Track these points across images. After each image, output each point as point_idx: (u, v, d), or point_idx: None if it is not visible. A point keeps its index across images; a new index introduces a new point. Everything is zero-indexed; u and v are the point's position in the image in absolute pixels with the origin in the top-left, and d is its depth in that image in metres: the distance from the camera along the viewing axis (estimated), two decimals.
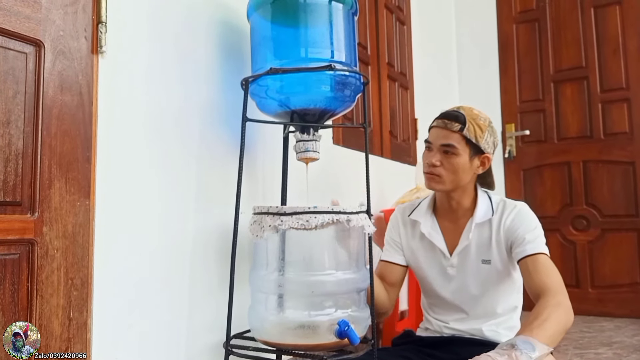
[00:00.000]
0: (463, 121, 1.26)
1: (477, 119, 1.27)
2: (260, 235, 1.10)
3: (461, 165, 1.27)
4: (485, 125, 1.28)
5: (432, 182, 1.30)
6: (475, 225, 1.29)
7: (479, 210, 1.30)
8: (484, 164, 1.31)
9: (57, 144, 0.95)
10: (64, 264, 0.94)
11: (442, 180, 1.28)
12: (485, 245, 1.29)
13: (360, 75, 1.22)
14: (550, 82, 3.15)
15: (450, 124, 1.26)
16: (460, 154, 1.26)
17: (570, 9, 3.11)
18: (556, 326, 1.03)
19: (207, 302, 1.26)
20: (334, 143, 1.92)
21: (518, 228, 1.24)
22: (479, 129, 1.26)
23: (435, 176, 1.28)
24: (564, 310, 1.08)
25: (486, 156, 1.30)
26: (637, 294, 2.84)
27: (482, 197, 1.33)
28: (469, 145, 1.26)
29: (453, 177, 1.28)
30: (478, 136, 1.26)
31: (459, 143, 1.26)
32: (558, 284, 1.13)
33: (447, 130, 1.27)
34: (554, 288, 1.12)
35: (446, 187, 1.29)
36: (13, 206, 0.89)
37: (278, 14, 1.20)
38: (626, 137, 2.93)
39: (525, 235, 1.22)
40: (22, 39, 0.91)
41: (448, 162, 1.27)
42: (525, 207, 1.30)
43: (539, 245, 1.21)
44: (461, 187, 1.30)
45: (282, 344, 1.10)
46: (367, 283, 1.17)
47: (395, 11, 2.68)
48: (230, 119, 1.35)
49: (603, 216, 2.96)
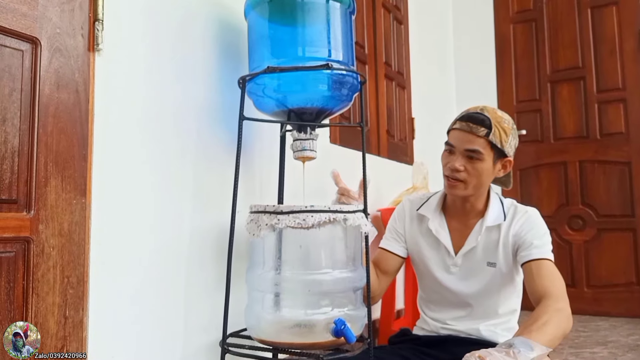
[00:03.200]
0: (489, 125, 1.21)
1: (502, 122, 1.22)
2: (257, 234, 1.10)
3: (485, 170, 1.23)
4: (510, 128, 1.24)
5: (454, 189, 1.25)
6: (485, 228, 1.28)
7: (490, 213, 1.28)
8: (506, 167, 1.28)
9: (53, 141, 0.95)
10: (60, 262, 0.94)
11: (465, 187, 1.24)
12: (493, 248, 1.27)
13: (357, 74, 1.22)
14: (547, 82, 3.16)
15: (475, 128, 1.21)
16: (485, 160, 1.22)
17: (567, 9, 3.12)
18: (555, 330, 1.03)
19: (203, 300, 1.26)
20: (331, 142, 1.92)
21: (527, 233, 1.23)
22: (504, 133, 1.22)
23: (459, 182, 1.24)
24: (564, 316, 1.07)
25: (508, 160, 1.27)
26: (632, 293, 2.85)
27: (495, 200, 1.31)
28: (493, 150, 1.22)
29: (476, 183, 1.24)
30: (503, 140, 1.22)
31: (484, 148, 1.21)
32: (561, 291, 1.12)
33: (473, 135, 1.21)
34: (557, 294, 1.11)
35: (468, 193, 1.26)
36: (9, 204, 0.88)
37: (275, 13, 1.20)
38: (622, 137, 2.94)
39: (533, 240, 1.21)
40: (19, 36, 0.91)
41: (472, 168, 1.22)
42: (535, 213, 1.27)
43: (546, 252, 1.19)
44: (480, 191, 1.28)
45: (278, 343, 1.10)
46: (364, 282, 1.17)
47: (392, 10, 2.68)
48: (227, 117, 1.35)
49: (599, 216, 2.97)
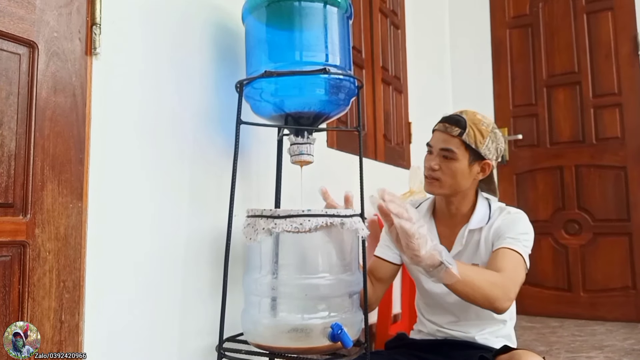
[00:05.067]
0: (463, 126, 1.24)
1: (479, 124, 1.25)
2: (253, 238, 1.10)
3: (460, 170, 1.26)
4: (488, 130, 1.26)
5: (430, 186, 1.30)
6: (468, 231, 1.29)
7: (474, 217, 1.29)
8: (485, 170, 1.30)
9: (50, 145, 0.94)
10: (56, 266, 0.94)
11: (440, 185, 1.27)
12: (475, 249, 1.29)
13: (354, 78, 1.22)
14: (543, 86, 3.18)
15: (450, 128, 1.25)
16: (459, 159, 1.25)
17: (563, 14, 3.14)
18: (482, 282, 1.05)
19: (200, 304, 1.25)
20: (328, 146, 1.92)
21: (505, 227, 1.24)
22: (480, 135, 1.24)
23: (434, 180, 1.28)
24: (499, 286, 1.08)
25: (486, 162, 1.28)
26: (628, 297, 2.86)
27: (482, 203, 1.32)
28: (468, 150, 1.25)
29: (452, 182, 1.27)
30: (478, 142, 1.24)
31: (458, 148, 1.25)
32: (514, 277, 1.13)
33: (447, 135, 1.26)
34: (509, 273, 1.12)
35: (444, 192, 1.29)
36: (5, 208, 0.88)
37: (273, 17, 1.21)
38: (618, 142, 2.96)
39: (509, 233, 1.21)
40: (16, 40, 0.91)
41: (447, 167, 1.26)
42: (520, 214, 1.28)
43: (518, 246, 1.19)
44: (461, 192, 1.29)
45: (275, 347, 1.09)
46: (361, 286, 1.17)
47: (389, 15, 2.69)
48: (225, 121, 1.35)
49: (595, 220, 2.98)
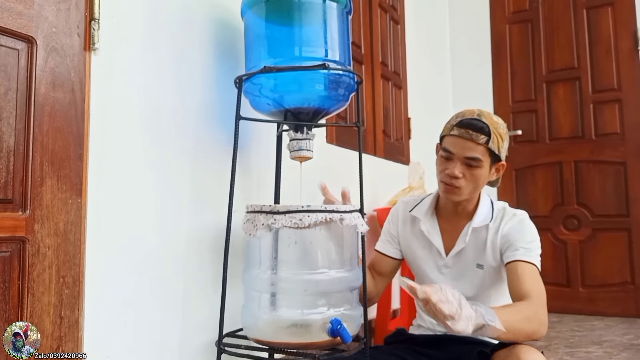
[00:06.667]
0: (488, 132, 1.20)
1: (498, 128, 1.22)
2: (253, 234, 1.10)
3: (483, 176, 1.24)
4: (504, 133, 1.24)
5: (451, 194, 1.26)
6: (472, 229, 1.28)
7: (478, 215, 1.29)
8: (499, 171, 1.29)
9: (49, 141, 0.94)
10: (56, 262, 0.94)
11: (461, 192, 1.24)
12: (481, 249, 1.28)
13: (354, 74, 1.22)
14: (543, 82, 3.17)
15: (476, 136, 1.20)
16: (483, 166, 1.22)
17: (562, 9, 3.13)
18: (522, 324, 1.05)
19: (200, 300, 1.25)
20: (327, 142, 1.92)
21: (515, 235, 1.23)
22: (501, 139, 1.22)
23: (455, 188, 1.24)
24: (538, 320, 1.09)
25: (502, 164, 1.27)
26: (627, 293, 2.87)
27: (485, 201, 1.31)
28: (491, 156, 1.23)
29: (473, 188, 1.25)
30: (500, 146, 1.22)
31: (483, 155, 1.21)
32: (542, 299, 1.13)
33: (473, 142, 1.20)
34: (539, 298, 1.13)
35: (464, 198, 1.27)
36: (4, 204, 0.88)
37: (272, 13, 1.20)
38: (617, 137, 2.96)
39: (520, 243, 1.21)
40: (14, 35, 0.90)
41: (471, 174, 1.23)
42: (525, 217, 1.28)
43: (533, 257, 1.20)
44: (474, 194, 1.29)
45: (274, 343, 1.10)
46: (360, 281, 1.17)
47: (389, 10, 2.68)
48: (224, 117, 1.35)
49: (594, 216, 2.98)
